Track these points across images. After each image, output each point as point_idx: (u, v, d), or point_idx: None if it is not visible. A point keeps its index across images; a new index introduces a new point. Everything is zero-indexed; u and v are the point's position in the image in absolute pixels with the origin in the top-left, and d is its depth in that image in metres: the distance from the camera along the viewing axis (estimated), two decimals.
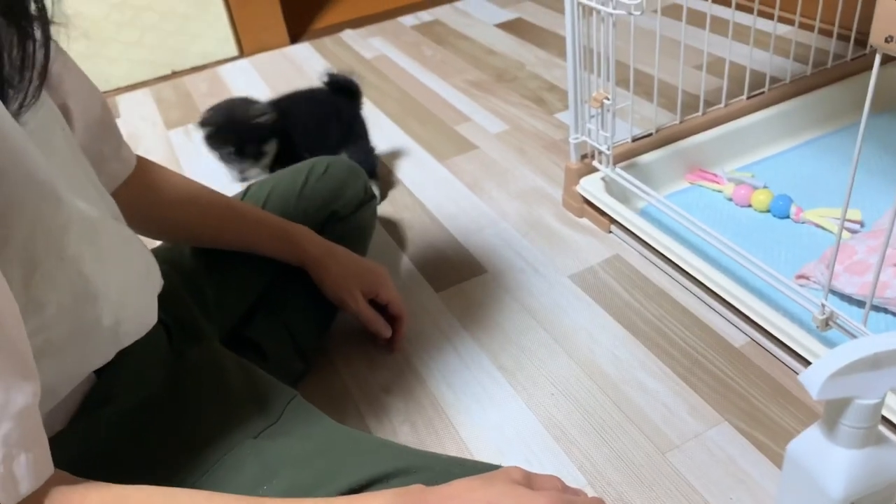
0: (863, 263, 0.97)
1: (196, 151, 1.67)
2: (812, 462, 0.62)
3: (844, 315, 0.86)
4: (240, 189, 1.07)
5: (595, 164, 1.24)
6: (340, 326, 1.08)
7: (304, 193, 1.04)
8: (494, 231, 1.29)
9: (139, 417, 0.66)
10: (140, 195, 0.83)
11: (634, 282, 1.13)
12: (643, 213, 1.20)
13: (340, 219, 1.06)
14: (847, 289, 0.96)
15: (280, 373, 0.83)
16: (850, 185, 0.78)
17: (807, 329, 0.91)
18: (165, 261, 0.89)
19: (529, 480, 0.59)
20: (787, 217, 1.17)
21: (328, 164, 1.08)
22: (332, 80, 1.39)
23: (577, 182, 1.25)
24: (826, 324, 0.88)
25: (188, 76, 2.11)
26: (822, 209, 1.15)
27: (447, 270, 1.21)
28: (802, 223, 1.16)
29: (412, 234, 1.32)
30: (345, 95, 1.40)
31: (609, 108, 1.13)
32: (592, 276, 1.15)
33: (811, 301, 0.90)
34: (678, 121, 1.28)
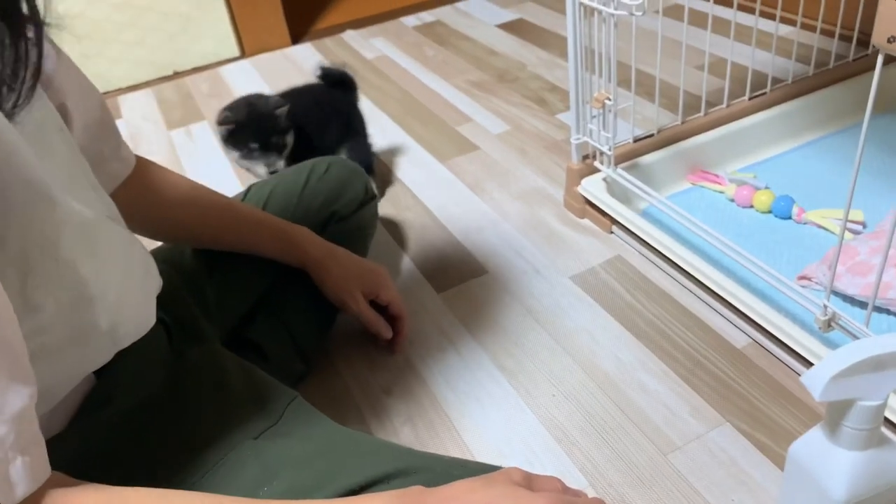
0: (865, 264, 0.97)
1: (197, 152, 1.67)
2: (814, 464, 0.62)
3: (847, 316, 0.86)
4: (240, 189, 1.07)
5: (596, 165, 1.23)
6: (341, 327, 1.08)
7: (305, 193, 1.04)
8: (495, 231, 1.29)
9: (139, 418, 0.66)
10: (139, 195, 0.83)
11: (636, 282, 1.13)
12: (645, 214, 1.20)
13: (341, 219, 1.06)
14: (849, 290, 0.96)
15: (281, 374, 0.83)
16: (853, 186, 0.78)
17: (809, 330, 0.91)
18: (166, 261, 0.89)
19: (530, 481, 0.59)
20: (789, 218, 1.17)
21: (329, 165, 1.08)
22: (326, 74, 1.39)
23: (579, 183, 1.24)
24: (828, 325, 0.88)
25: (190, 77, 2.11)
26: (824, 210, 1.15)
27: (448, 271, 1.21)
28: (804, 224, 1.16)
29: (413, 235, 1.31)
30: (340, 88, 1.40)
31: (610, 109, 1.13)
32: (594, 277, 1.15)
33: (813, 302, 0.90)
34: (680, 121, 1.28)
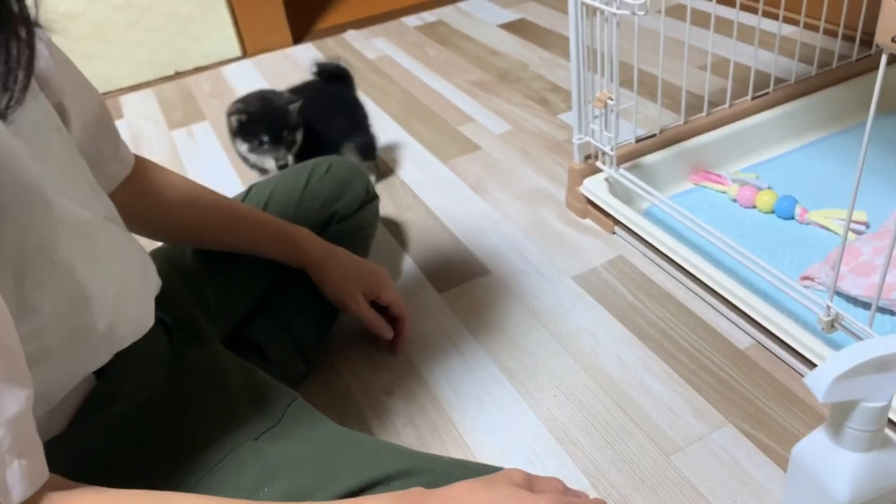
0: (868, 265, 0.96)
1: (199, 152, 1.67)
2: (817, 465, 0.61)
3: (850, 317, 0.86)
4: (242, 189, 1.07)
5: (598, 165, 1.23)
6: (342, 328, 1.08)
7: (306, 193, 1.04)
8: (497, 232, 1.29)
9: (139, 419, 0.66)
10: (139, 195, 0.83)
11: (638, 283, 1.12)
12: (647, 214, 1.20)
13: (342, 219, 1.06)
14: (852, 290, 0.96)
15: (281, 374, 0.83)
16: (856, 186, 0.78)
17: (812, 331, 0.90)
18: (167, 260, 0.89)
19: (530, 482, 0.59)
20: (792, 218, 1.17)
21: (330, 164, 1.08)
22: (323, 69, 1.40)
23: (581, 183, 1.24)
24: (831, 326, 0.88)
25: (191, 77, 2.11)
26: (827, 210, 1.14)
27: (450, 271, 1.21)
28: (807, 224, 1.15)
29: (415, 235, 1.31)
30: (338, 82, 1.41)
31: (613, 109, 1.12)
32: (596, 278, 1.15)
33: (816, 303, 0.89)
34: (682, 121, 1.28)
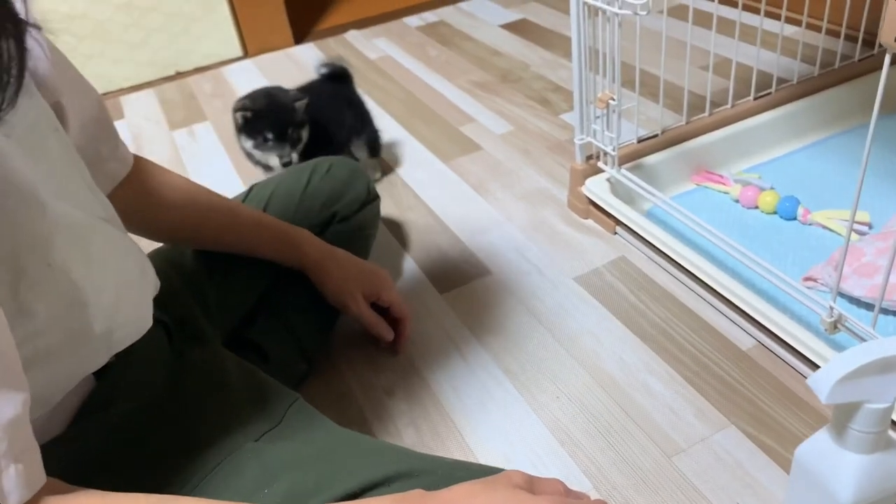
0: (871, 265, 0.96)
1: (200, 152, 1.67)
2: (821, 467, 0.61)
3: (853, 318, 0.85)
4: (243, 190, 1.07)
5: (600, 166, 1.23)
6: (343, 328, 1.08)
7: (307, 193, 1.04)
8: (499, 232, 1.29)
9: (139, 419, 0.66)
10: (138, 196, 0.82)
11: (640, 284, 1.12)
12: (649, 215, 1.19)
13: (343, 219, 1.05)
14: (855, 291, 0.95)
15: (282, 374, 0.82)
16: (860, 187, 0.77)
17: (815, 332, 0.90)
18: (167, 261, 0.89)
19: (531, 484, 0.59)
20: (795, 219, 1.16)
21: (331, 165, 1.08)
22: (331, 69, 1.41)
23: (583, 183, 1.24)
24: (834, 327, 0.87)
25: (192, 77, 2.11)
26: (830, 211, 1.14)
27: (451, 272, 1.21)
28: (810, 225, 1.15)
29: (416, 235, 1.31)
30: (341, 81, 1.42)
31: (614, 109, 1.12)
32: (598, 279, 1.15)
33: (819, 304, 0.89)
34: (684, 122, 1.27)
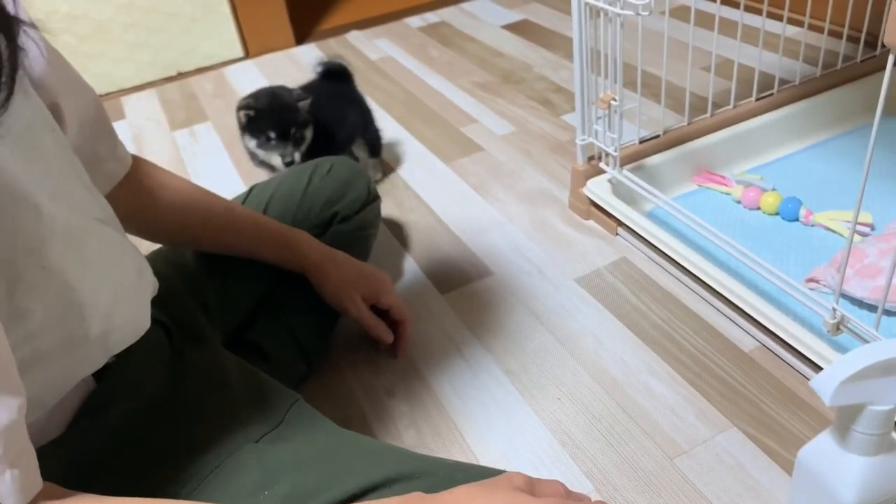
0: (874, 267, 0.96)
1: (201, 152, 1.67)
2: (823, 469, 0.61)
3: (855, 319, 0.85)
4: (244, 190, 1.06)
5: (602, 166, 1.23)
6: (344, 330, 1.07)
7: (308, 194, 1.03)
8: (500, 233, 1.28)
9: (139, 420, 0.66)
10: (137, 196, 0.81)
11: (642, 285, 1.12)
12: (650, 216, 1.19)
13: (343, 219, 1.05)
14: (858, 292, 0.95)
15: (282, 375, 0.82)
16: (863, 188, 0.77)
17: (817, 333, 0.90)
18: (167, 261, 0.88)
19: (532, 486, 0.59)
20: (797, 220, 1.16)
21: (331, 165, 1.08)
22: (329, 68, 1.40)
23: (584, 184, 1.24)
24: (837, 328, 0.87)
25: (194, 77, 2.11)
26: (832, 212, 1.13)
27: (452, 273, 1.21)
28: (812, 226, 1.15)
29: (417, 236, 1.31)
30: (341, 80, 1.41)
31: (616, 110, 1.12)
32: (599, 279, 1.14)
33: (822, 305, 0.89)
34: (686, 122, 1.27)
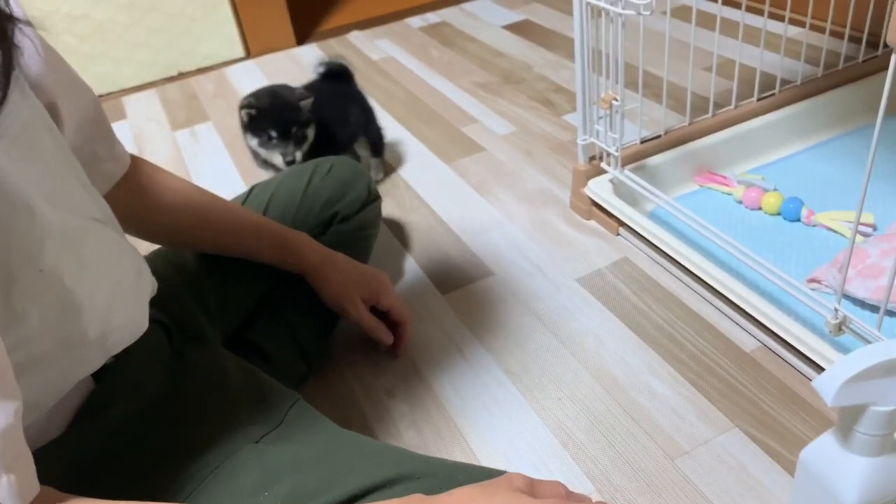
0: (876, 267, 0.95)
1: (202, 152, 1.66)
2: (826, 470, 0.61)
3: (858, 320, 0.85)
4: (245, 190, 1.06)
5: (603, 166, 1.23)
6: (344, 330, 1.07)
7: (308, 194, 1.03)
8: (501, 233, 1.28)
9: (139, 420, 0.65)
10: (135, 196, 0.81)
11: (643, 285, 1.12)
12: (652, 216, 1.19)
13: (344, 219, 1.05)
14: (860, 293, 0.95)
15: (282, 375, 0.82)
16: (865, 188, 0.77)
17: (819, 334, 0.89)
18: (167, 261, 0.88)
19: (532, 487, 0.58)
20: (798, 220, 1.16)
21: (332, 165, 1.07)
22: (330, 67, 1.40)
23: (585, 184, 1.23)
24: (839, 328, 0.87)
25: (194, 77, 2.11)
26: (834, 212, 1.13)
27: (453, 273, 1.20)
28: (814, 226, 1.14)
29: (418, 236, 1.31)
30: (342, 80, 1.41)
31: (617, 110, 1.12)
32: (600, 280, 1.14)
33: (823, 305, 0.88)
34: (687, 122, 1.27)
